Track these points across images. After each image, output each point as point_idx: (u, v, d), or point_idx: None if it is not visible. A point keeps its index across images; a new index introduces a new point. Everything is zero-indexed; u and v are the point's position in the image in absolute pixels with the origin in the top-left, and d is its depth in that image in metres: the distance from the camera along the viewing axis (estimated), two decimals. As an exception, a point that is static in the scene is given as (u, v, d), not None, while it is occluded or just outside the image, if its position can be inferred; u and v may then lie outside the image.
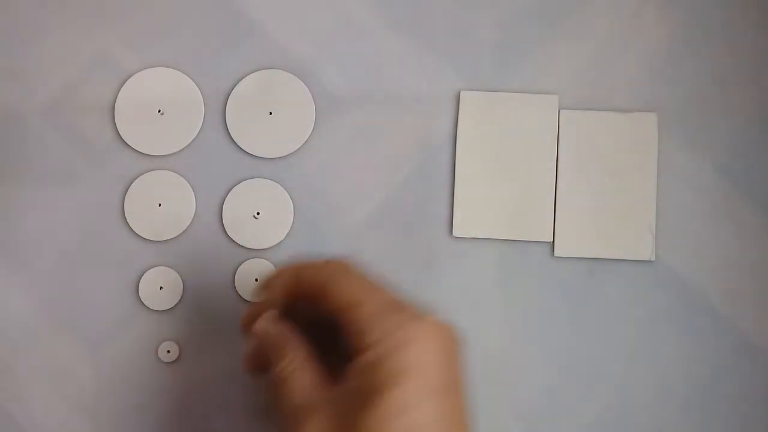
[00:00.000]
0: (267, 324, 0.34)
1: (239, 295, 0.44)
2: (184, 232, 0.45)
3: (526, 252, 0.44)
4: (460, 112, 0.45)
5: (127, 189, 0.45)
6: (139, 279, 0.45)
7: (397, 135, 0.45)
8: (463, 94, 0.45)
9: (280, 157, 0.45)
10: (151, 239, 0.45)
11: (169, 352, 0.44)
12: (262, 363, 0.35)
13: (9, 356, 0.45)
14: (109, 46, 0.46)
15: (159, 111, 0.45)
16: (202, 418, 0.44)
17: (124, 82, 0.46)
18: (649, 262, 0.44)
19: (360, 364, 0.29)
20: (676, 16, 0.45)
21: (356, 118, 0.45)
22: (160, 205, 0.45)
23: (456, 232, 0.44)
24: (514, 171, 0.44)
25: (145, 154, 0.45)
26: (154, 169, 0.45)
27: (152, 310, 0.45)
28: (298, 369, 0.32)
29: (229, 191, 0.45)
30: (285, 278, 0.35)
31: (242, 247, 0.45)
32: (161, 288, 0.44)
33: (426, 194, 0.45)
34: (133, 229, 0.45)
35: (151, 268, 0.45)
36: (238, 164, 0.45)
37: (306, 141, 0.45)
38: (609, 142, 0.44)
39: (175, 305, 0.45)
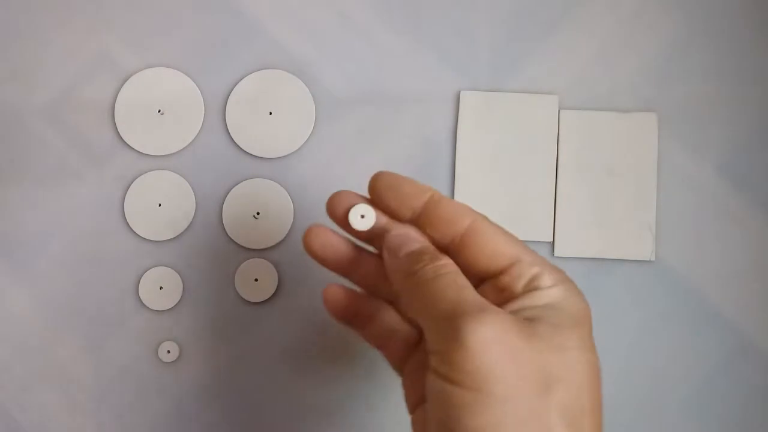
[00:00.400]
0: (406, 228, 0.32)
1: (239, 295, 0.44)
2: (184, 232, 0.45)
3: (526, 252, 0.44)
4: (460, 112, 0.45)
5: (127, 189, 0.45)
6: (139, 279, 0.45)
7: (397, 135, 0.45)
8: (463, 94, 0.45)
9: (280, 157, 0.45)
10: (151, 239, 0.45)
11: (169, 352, 0.44)
12: (371, 282, 0.34)
13: (9, 356, 0.45)
14: (109, 46, 0.46)
15: (159, 111, 0.45)
16: (202, 418, 0.44)
17: (124, 82, 0.46)
18: (649, 262, 0.44)
19: (536, 300, 0.29)
20: (676, 16, 0.45)
21: (356, 118, 0.45)
22: (160, 205, 0.45)
23: (456, 232, 0.44)
24: (514, 171, 0.44)
25: (145, 154, 0.45)
26: (154, 169, 0.45)
27: (152, 310, 0.45)
28: (456, 273, 0.29)
29: (229, 191, 0.45)
30: (419, 190, 0.32)
31: (242, 247, 0.45)
32: (161, 288, 0.44)
33: (426, 194, 0.45)
34: (133, 229, 0.45)
35: (151, 268, 0.45)
36: (238, 164, 0.45)
37: (306, 141, 0.45)
38: (609, 142, 0.44)
39: (175, 305, 0.45)
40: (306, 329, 0.44)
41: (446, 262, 0.30)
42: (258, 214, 0.45)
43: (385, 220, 0.32)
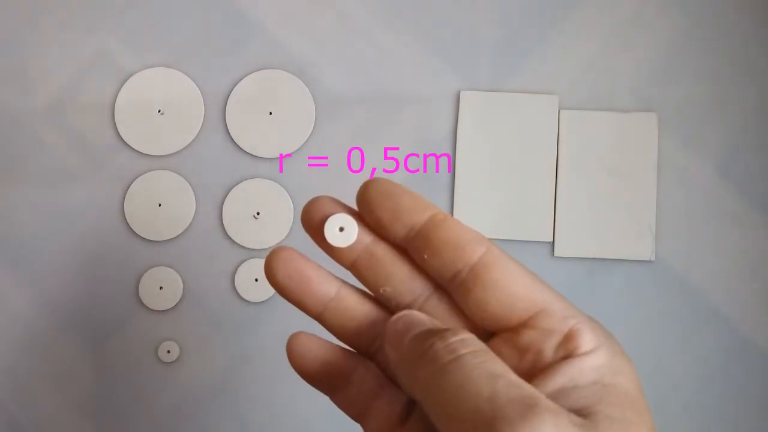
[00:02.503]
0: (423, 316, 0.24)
1: (239, 295, 0.44)
2: (184, 232, 0.45)
3: (526, 252, 0.44)
4: (460, 112, 0.45)
5: (127, 189, 0.45)
6: (139, 279, 0.45)
7: (397, 135, 0.45)
8: (463, 94, 0.45)
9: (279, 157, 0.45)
10: (151, 239, 0.45)
11: (169, 352, 0.44)
12: (352, 332, 0.26)
13: (9, 356, 0.45)
14: (109, 46, 0.46)
15: (159, 111, 0.45)
16: (201, 418, 0.44)
17: (124, 82, 0.46)
18: (649, 262, 0.44)
19: (586, 374, 0.22)
20: (676, 16, 0.45)
21: (356, 118, 0.45)
22: (160, 205, 0.45)
23: (456, 232, 0.44)
24: (514, 171, 0.44)
25: (145, 154, 0.45)
26: (154, 169, 0.45)
27: (152, 310, 0.45)
28: (484, 352, 0.21)
29: (229, 191, 0.45)
30: (420, 205, 0.25)
31: (242, 247, 0.45)
32: (161, 288, 0.44)
33: (426, 194, 0.44)
34: (133, 229, 0.45)
35: (151, 268, 0.45)
36: (238, 164, 0.45)
37: (306, 141, 0.45)
38: (609, 142, 0.44)
39: (175, 305, 0.45)
40: (306, 329, 0.44)
41: (465, 336, 0.22)
42: (258, 214, 0.45)
43: (369, 239, 0.25)
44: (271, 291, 0.44)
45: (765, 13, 0.45)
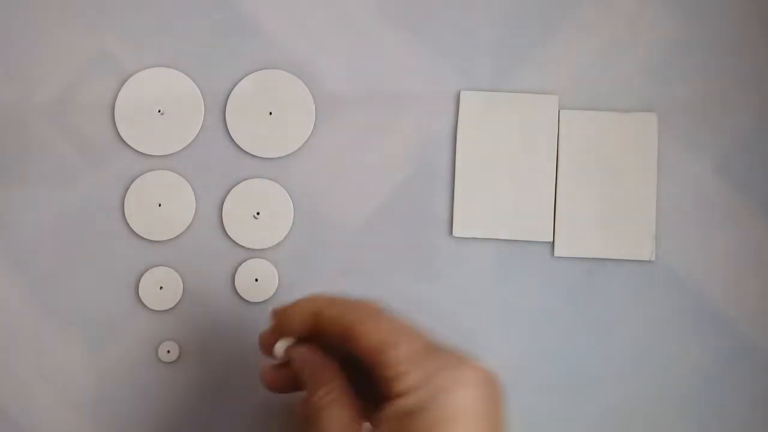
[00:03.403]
0: (303, 349, 0.32)
1: (239, 295, 0.44)
2: (184, 232, 0.45)
3: (526, 252, 0.44)
4: (460, 112, 0.45)
5: (127, 189, 0.45)
6: (139, 279, 0.45)
7: (397, 135, 0.45)
8: (463, 94, 0.45)
9: (280, 157, 0.45)
10: (151, 239, 0.45)
11: (169, 352, 0.44)
12: (287, 383, 0.34)
13: (9, 356, 0.45)
14: (109, 46, 0.46)
15: (159, 111, 0.45)
16: (202, 418, 0.44)
17: (124, 82, 0.46)
18: (649, 262, 0.44)
19: (392, 412, 0.26)
20: (676, 16, 0.45)
21: (356, 118, 0.45)
22: (160, 205, 0.45)
23: (456, 232, 0.44)
24: (514, 171, 0.44)
25: (145, 154, 0.45)
26: (154, 169, 0.45)
27: (152, 310, 0.45)
28: (336, 401, 0.29)
29: (229, 191, 0.45)
30: (303, 316, 0.32)
31: (242, 247, 0.45)
32: (161, 288, 0.44)
33: (426, 194, 0.45)
34: (133, 229, 0.45)
35: (151, 268, 0.45)
36: (238, 164, 0.45)
37: (306, 141, 0.45)
38: (609, 142, 0.44)
39: (175, 305, 0.45)
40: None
41: (327, 389, 0.29)
42: (258, 214, 0.45)
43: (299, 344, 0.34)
44: (271, 291, 0.44)
45: (765, 13, 0.45)
